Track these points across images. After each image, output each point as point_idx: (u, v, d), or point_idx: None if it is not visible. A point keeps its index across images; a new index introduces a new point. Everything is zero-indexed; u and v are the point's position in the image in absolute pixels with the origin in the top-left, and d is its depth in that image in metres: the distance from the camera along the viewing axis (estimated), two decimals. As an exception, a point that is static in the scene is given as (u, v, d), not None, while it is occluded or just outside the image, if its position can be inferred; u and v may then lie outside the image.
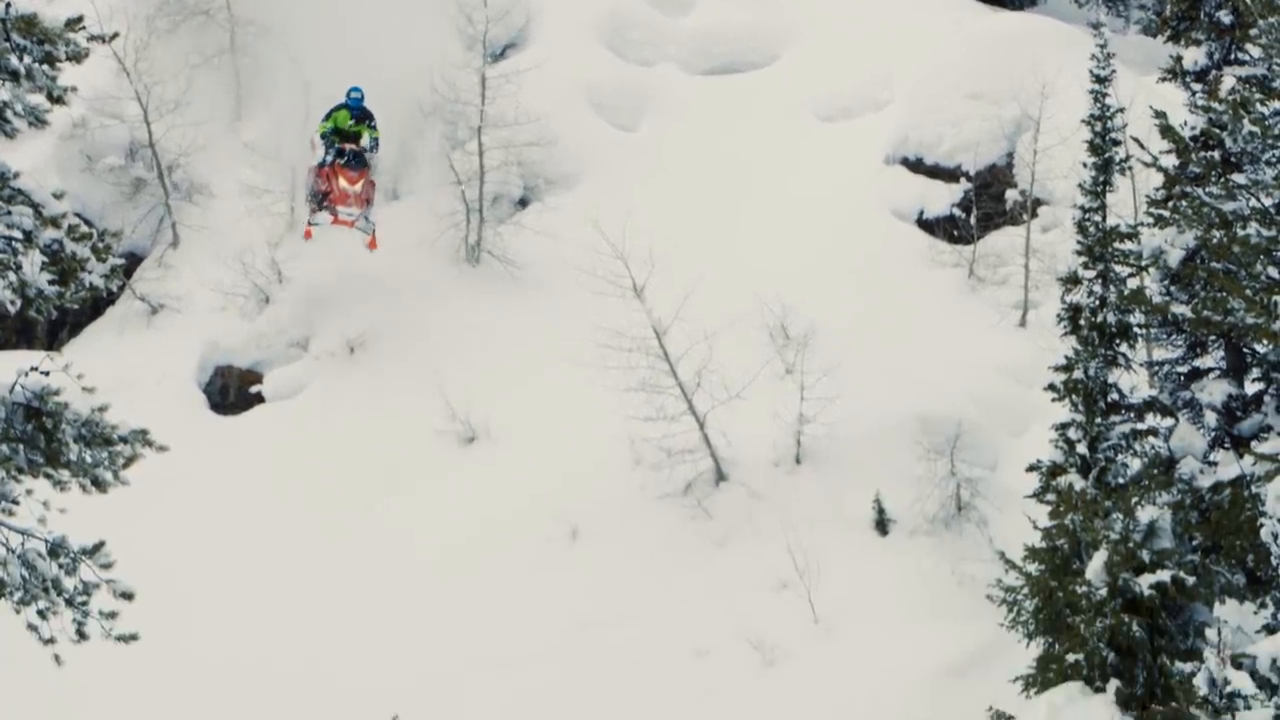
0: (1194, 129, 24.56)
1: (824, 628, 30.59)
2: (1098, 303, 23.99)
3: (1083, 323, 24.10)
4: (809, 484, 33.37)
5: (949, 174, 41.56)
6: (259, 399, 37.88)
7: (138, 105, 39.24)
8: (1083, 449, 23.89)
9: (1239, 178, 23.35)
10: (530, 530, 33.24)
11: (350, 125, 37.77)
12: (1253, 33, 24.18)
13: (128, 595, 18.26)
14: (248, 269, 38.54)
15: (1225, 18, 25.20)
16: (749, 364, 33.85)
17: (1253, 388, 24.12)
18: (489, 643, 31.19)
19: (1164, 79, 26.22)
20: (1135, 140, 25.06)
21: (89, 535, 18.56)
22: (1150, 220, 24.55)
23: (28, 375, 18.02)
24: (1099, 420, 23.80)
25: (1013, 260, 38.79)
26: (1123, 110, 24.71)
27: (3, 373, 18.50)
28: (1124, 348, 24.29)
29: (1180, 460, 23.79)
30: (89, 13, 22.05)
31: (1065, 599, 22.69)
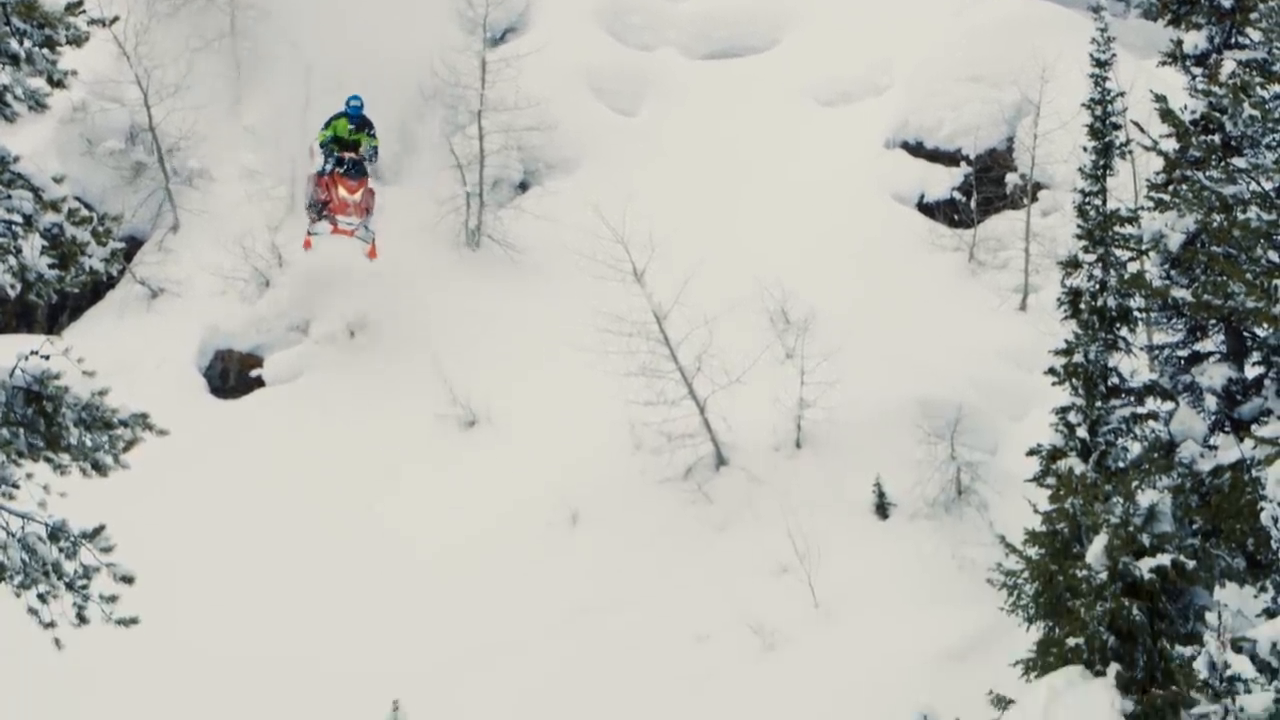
0: (1194, 113, 24.50)
1: (824, 612, 30.58)
2: (1098, 287, 23.95)
3: (1083, 307, 24.06)
4: (809, 468, 33.36)
5: (949, 158, 41.57)
6: (259, 383, 37.86)
7: (138, 89, 39.22)
8: (1083, 433, 23.87)
9: (1239, 162, 23.30)
10: (531, 515, 33.25)
11: (350, 133, 37.62)
12: (1253, 16, 24.13)
13: (128, 579, 18.28)
14: (248, 253, 38.52)
15: (1225, 2, 25.08)
16: (749, 349, 33.84)
17: (1253, 371, 24.08)
18: (489, 628, 31.20)
19: (1164, 63, 26.13)
20: (1135, 124, 25.02)
21: (89, 519, 18.57)
22: (1150, 204, 24.50)
23: (28, 359, 18.03)
24: (1099, 404, 23.78)
25: (1013, 244, 38.81)
26: (1123, 94, 24.66)
27: (3, 357, 18.52)
28: (1124, 332, 24.24)
29: (1180, 444, 23.76)
30: (89, -4, 22.02)
31: (1065, 583, 22.69)
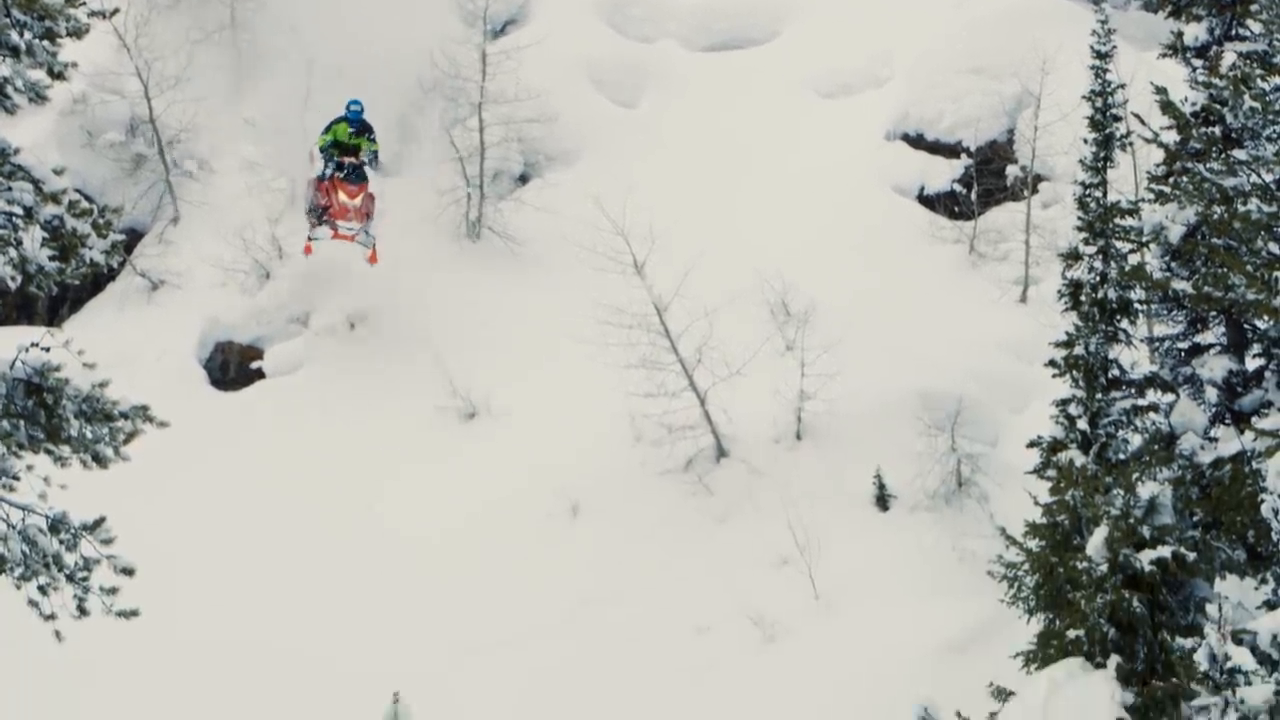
0: (1195, 105, 24.49)
1: (824, 604, 30.59)
2: (1099, 279, 23.93)
3: (1083, 299, 24.04)
4: (809, 460, 33.38)
5: (949, 150, 41.57)
6: (259, 375, 37.85)
7: (138, 81, 39.19)
8: (1083, 425, 23.85)
9: (1240, 153, 23.30)
10: (531, 507, 33.26)
11: (350, 138, 37.54)
12: (1253, 8, 24.13)
13: (128, 571, 18.28)
14: (248, 245, 38.50)
15: (1226, -7, 25.12)
16: (750, 340, 33.86)
17: (1253, 363, 24.08)
18: (490, 620, 31.21)
19: (1165, 55, 26.11)
20: (1136, 116, 25.02)
21: (89, 511, 18.57)
22: (1151, 196, 24.50)
23: (28, 351, 18.03)
24: (1100, 396, 23.77)
25: (1013, 236, 38.81)
26: (1124, 86, 24.64)
27: (3, 349, 18.50)
28: (1125, 324, 24.22)
29: (1181, 436, 23.75)
30: (89, -12, 22.01)
31: (1066, 575, 22.73)
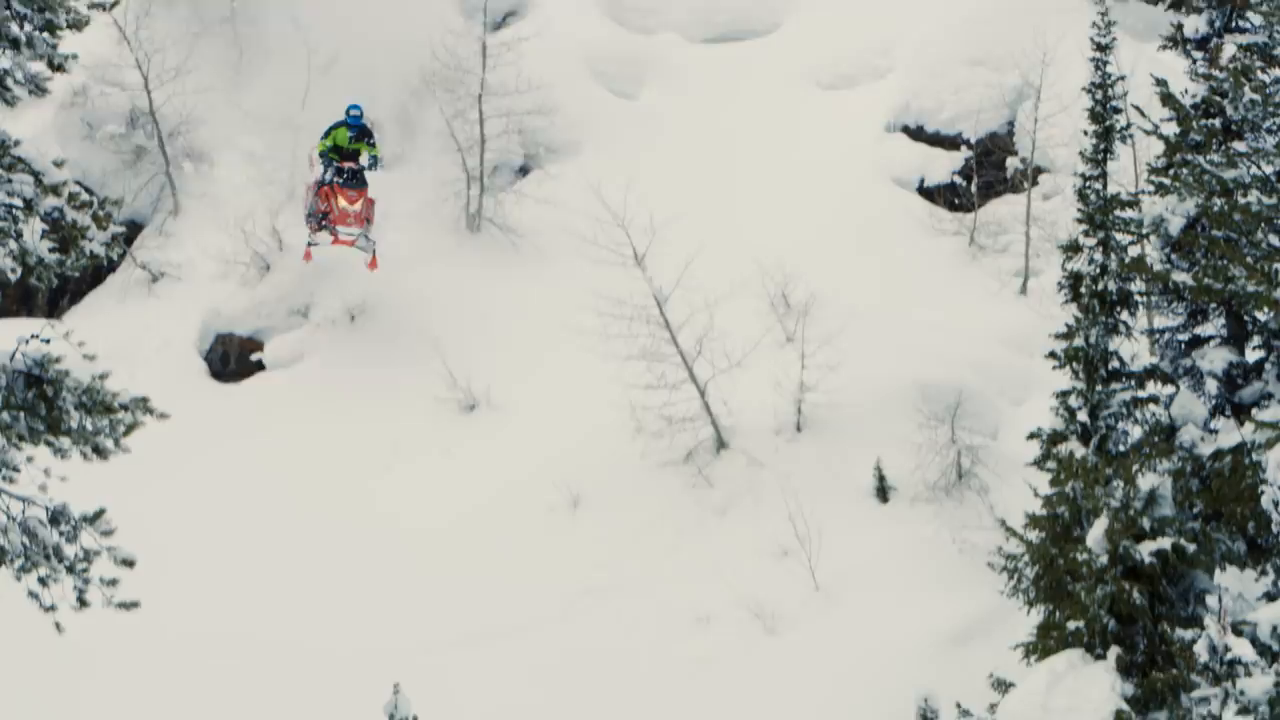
0: (1195, 97, 24.52)
1: (825, 595, 30.59)
2: (1099, 270, 23.92)
3: (1083, 290, 24.03)
4: (810, 452, 33.36)
5: (950, 142, 41.54)
6: (259, 367, 37.85)
7: (138, 73, 39.15)
8: (1083, 416, 23.85)
9: (1240, 145, 23.34)
10: (532, 498, 33.26)
11: (350, 143, 37.44)
12: (1253, 0, 24.15)
13: (128, 562, 18.30)
14: (248, 237, 38.47)
15: (1226, -14, 25.15)
16: (750, 332, 33.85)
17: (1253, 355, 24.10)
18: (489, 611, 31.22)
19: (1165, 47, 26.17)
20: (1136, 108, 25.04)
21: (89, 502, 18.58)
22: (1151, 188, 24.52)
23: (28, 343, 18.06)
24: (1100, 388, 23.76)
25: (1013, 228, 38.78)
26: (1124, 78, 24.63)
27: (4, 340, 18.52)
28: (1125, 315, 24.20)
29: (1181, 428, 23.77)
30: (89, -20, 21.99)
31: (1066, 566, 22.76)
